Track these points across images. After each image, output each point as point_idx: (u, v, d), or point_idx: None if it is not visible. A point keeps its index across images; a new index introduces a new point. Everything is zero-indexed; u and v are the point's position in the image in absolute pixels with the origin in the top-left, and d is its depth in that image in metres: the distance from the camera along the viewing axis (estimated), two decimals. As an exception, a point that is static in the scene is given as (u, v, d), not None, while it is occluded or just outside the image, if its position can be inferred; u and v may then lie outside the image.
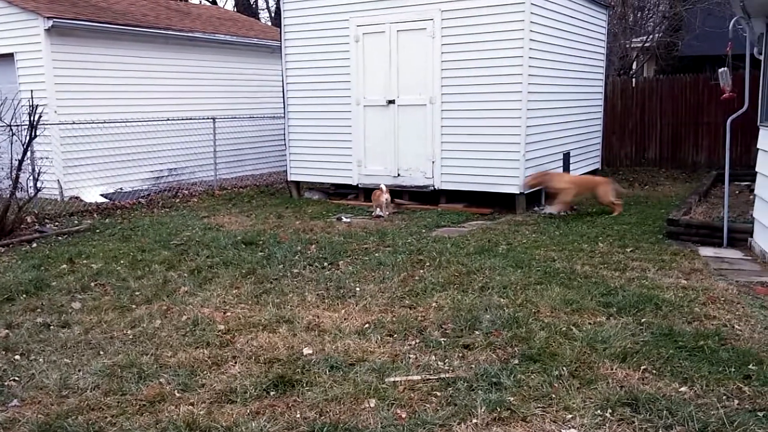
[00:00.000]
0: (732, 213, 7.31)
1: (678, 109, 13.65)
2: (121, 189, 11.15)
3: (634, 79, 15.03)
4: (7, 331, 4.52)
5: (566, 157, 9.27)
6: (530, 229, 7.73)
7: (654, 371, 3.66)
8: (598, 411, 3.23)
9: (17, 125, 8.30)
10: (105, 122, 10.57)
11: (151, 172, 11.87)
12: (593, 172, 12.20)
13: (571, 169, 9.48)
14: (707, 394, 3.37)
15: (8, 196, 7.79)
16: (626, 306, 4.69)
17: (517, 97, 8.75)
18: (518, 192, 8.97)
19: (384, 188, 8.98)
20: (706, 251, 6.51)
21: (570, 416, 3.20)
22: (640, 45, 17.85)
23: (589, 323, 4.41)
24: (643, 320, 4.43)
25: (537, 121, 9.13)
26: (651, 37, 17.74)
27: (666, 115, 13.77)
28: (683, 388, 3.45)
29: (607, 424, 3.11)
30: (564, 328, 4.30)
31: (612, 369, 3.70)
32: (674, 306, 4.69)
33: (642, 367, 3.70)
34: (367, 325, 4.49)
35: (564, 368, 3.69)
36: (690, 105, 13.53)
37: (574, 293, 5.01)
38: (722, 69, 7.41)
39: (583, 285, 5.26)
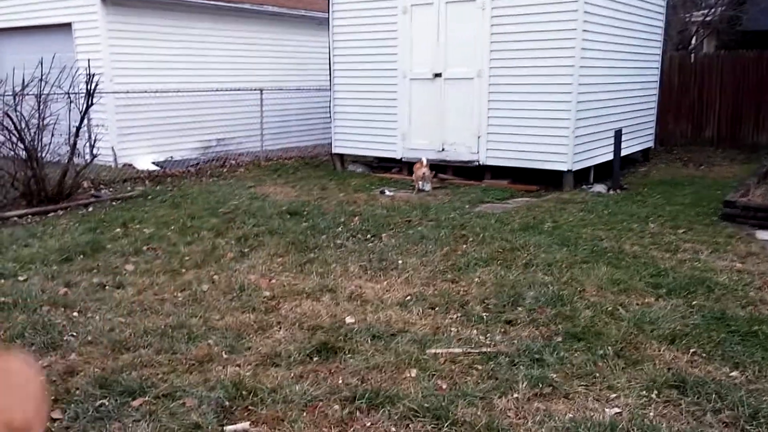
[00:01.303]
0: (793, 196, 7.00)
1: (739, 86, 13.04)
2: (171, 157, 11.40)
3: (692, 55, 14.43)
4: (66, 289, 4.71)
5: (618, 134, 8.99)
6: (577, 208, 7.58)
7: (704, 354, 3.57)
8: (644, 392, 3.18)
9: (75, 93, 8.55)
10: (157, 92, 10.78)
11: (200, 141, 12.08)
12: (646, 151, 11.85)
13: (622, 147, 9.19)
14: (759, 380, 3.28)
15: (66, 161, 8.07)
16: (677, 288, 4.56)
17: (569, 72, 8.51)
18: (566, 169, 8.78)
19: (424, 161, 8.93)
20: (764, 235, 6.26)
21: (614, 395, 3.16)
22: (700, 19, 17.06)
23: (637, 304, 4.32)
24: (694, 303, 4.31)
25: (588, 96, 8.88)
26: (713, 10, 16.94)
27: (726, 92, 13.18)
28: (734, 373, 3.36)
29: (652, 405, 3.06)
30: (610, 308, 4.22)
31: (659, 350, 3.62)
32: (728, 289, 4.54)
33: (691, 350, 3.61)
34: (408, 297, 4.51)
35: (609, 348, 3.63)
36: (752, 83, 12.90)
37: (622, 273, 4.90)
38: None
39: (631, 265, 5.14)
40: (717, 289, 4.55)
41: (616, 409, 3.02)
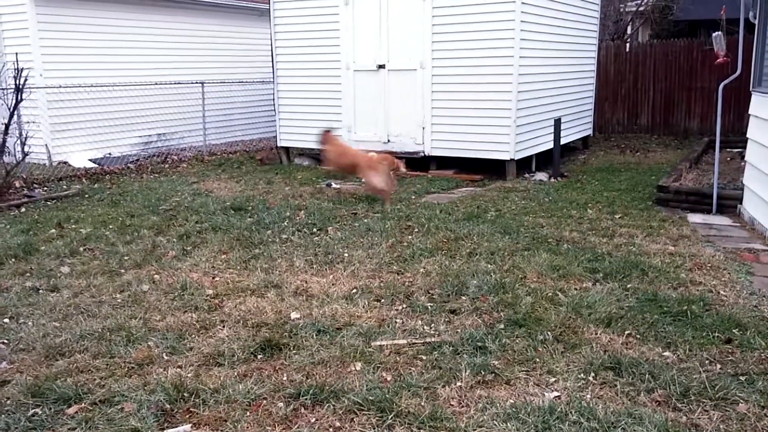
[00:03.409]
0: (722, 180, 7.34)
1: (671, 74, 13.56)
2: (109, 154, 11.04)
3: (627, 44, 14.89)
4: (-6, 295, 4.51)
5: (557, 123, 9.21)
6: (520, 196, 7.74)
7: (638, 336, 3.71)
8: (582, 374, 3.28)
9: (2, 89, 8.16)
10: (92, 86, 10.40)
11: (140, 137, 11.74)
12: (585, 139, 12.18)
13: (562, 135, 9.42)
14: (690, 359, 3.43)
15: (-6, 160, 7.71)
16: (613, 272, 4.72)
17: (509, 62, 8.65)
18: (509, 158, 8.94)
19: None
20: (695, 218, 6.55)
21: (553, 380, 3.25)
22: (634, 9, 17.62)
23: (576, 289, 4.45)
24: (629, 286, 4.47)
25: (528, 86, 9.05)
26: (646, 0, 17.51)
27: (659, 80, 13.69)
28: (666, 353, 3.50)
29: (589, 387, 3.16)
30: (550, 294, 4.33)
31: (596, 334, 3.74)
32: (660, 272, 4.73)
33: (626, 332, 3.75)
34: (354, 290, 4.51)
35: (549, 333, 3.73)
36: (683, 70, 13.44)
37: (562, 259, 5.04)
38: (716, 33, 7.32)
39: (570, 251, 5.28)
40: (650, 271, 4.73)
41: (555, 393, 3.11)
